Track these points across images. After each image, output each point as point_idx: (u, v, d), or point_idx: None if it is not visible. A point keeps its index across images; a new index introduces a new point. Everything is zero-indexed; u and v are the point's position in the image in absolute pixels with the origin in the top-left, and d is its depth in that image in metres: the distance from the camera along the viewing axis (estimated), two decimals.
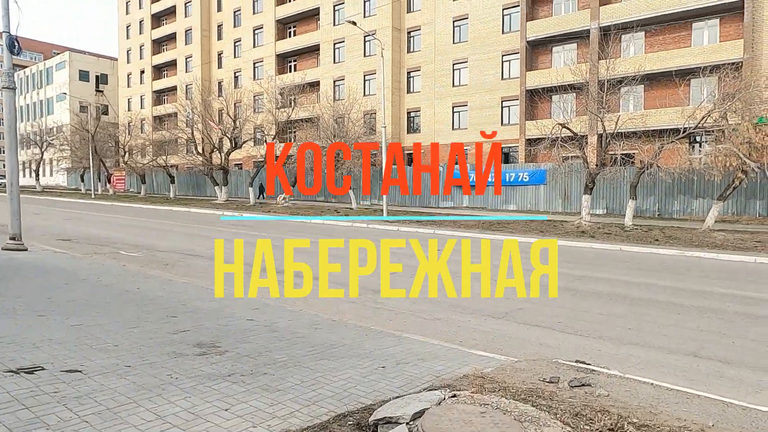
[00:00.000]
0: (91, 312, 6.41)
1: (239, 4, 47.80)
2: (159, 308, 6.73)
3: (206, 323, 6.07)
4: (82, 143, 46.87)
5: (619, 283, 10.06)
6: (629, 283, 10.08)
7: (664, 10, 26.75)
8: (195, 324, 6.01)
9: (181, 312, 6.58)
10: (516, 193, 28.35)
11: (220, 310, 6.78)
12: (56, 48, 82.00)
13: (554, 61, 31.24)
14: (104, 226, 19.42)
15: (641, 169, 19.25)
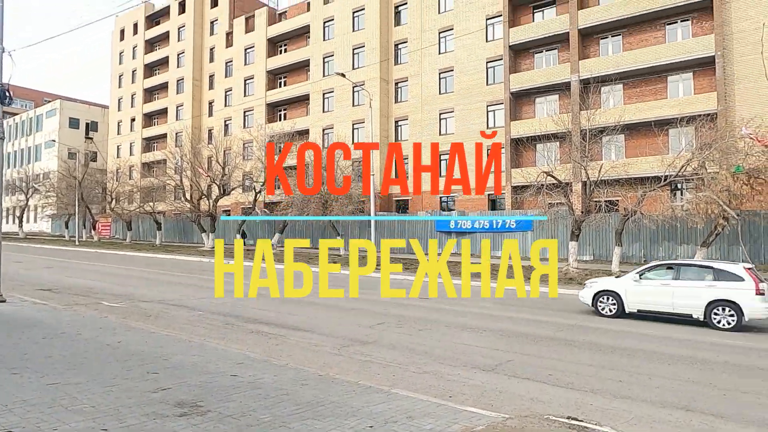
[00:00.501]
0: (69, 369, 6.19)
1: (231, 56, 49.09)
2: (139, 364, 6.52)
3: (188, 380, 5.88)
4: (68, 190, 46.64)
5: (608, 332, 10.02)
6: (619, 332, 10.04)
7: (640, 65, 27.97)
8: (177, 381, 5.81)
9: (163, 368, 6.37)
10: (504, 239, 28.51)
11: (203, 365, 6.58)
12: (47, 96, 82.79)
13: (537, 111, 32.23)
14: (87, 275, 19.04)
15: (625, 216, 19.58)
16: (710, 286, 11.03)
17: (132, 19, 59.17)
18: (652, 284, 11.75)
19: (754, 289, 10.59)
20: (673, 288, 11.37)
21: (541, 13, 32.75)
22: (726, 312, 10.74)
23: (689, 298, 11.12)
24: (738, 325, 10.59)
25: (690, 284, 11.29)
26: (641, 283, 11.81)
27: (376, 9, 38.42)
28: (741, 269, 11.09)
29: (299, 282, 17.51)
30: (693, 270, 11.73)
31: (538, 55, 32.70)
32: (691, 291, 11.16)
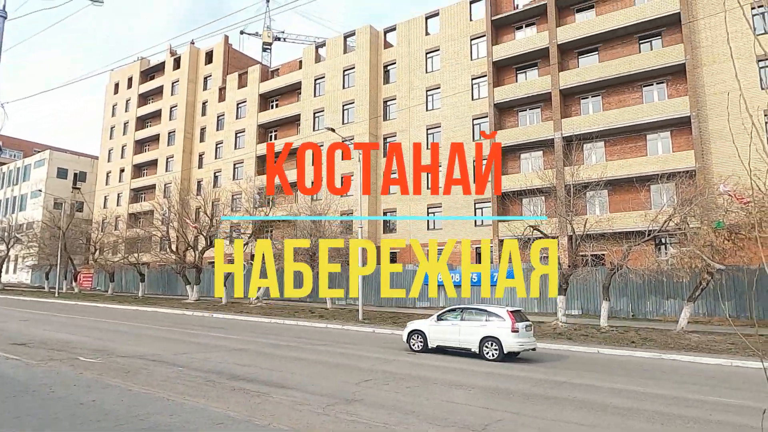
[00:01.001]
0: (38, 431, 5.86)
1: (223, 110, 50.11)
2: (114, 424, 6.21)
3: None
4: (51, 240, 45.90)
5: (600, 390, 9.83)
6: (611, 390, 9.86)
7: (620, 123, 29.06)
8: None
9: (138, 429, 6.07)
10: (492, 293, 28.35)
11: (181, 425, 6.29)
12: (37, 146, 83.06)
13: (522, 167, 32.99)
14: (65, 328, 18.43)
15: (612, 271, 19.70)
16: (483, 325, 13.70)
17: (127, 74, 60.55)
18: (446, 324, 14.45)
19: (510, 327, 13.19)
20: (460, 327, 14.11)
21: (524, 74, 34.20)
22: (492, 346, 13.38)
23: (470, 335, 13.80)
24: (500, 355, 13.18)
25: (471, 324, 13.96)
26: (439, 323, 14.50)
27: (366, 68, 39.85)
28: (504, 312, 13.70)
29: (284, 337, 17.12)
30: (473, 312, 14.37)
31: (522, 113, 33.88)
32: (471, 329, 13.84)
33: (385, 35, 41.14)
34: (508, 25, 34.94)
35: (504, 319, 13.42)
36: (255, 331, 19.11)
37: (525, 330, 13.60)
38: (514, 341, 13.15)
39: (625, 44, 30.55)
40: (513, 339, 13.14)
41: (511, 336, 13.15)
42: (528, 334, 13.75)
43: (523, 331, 13.47)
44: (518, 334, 13.22)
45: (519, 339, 13.22)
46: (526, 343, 13.59)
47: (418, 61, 38.30)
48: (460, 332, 13.99)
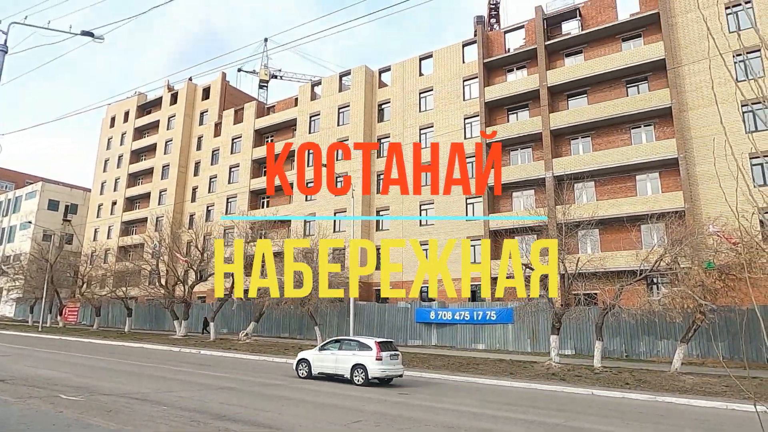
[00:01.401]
0: None
1: (218, 145, 50.52)
2: None
3: None
4: (38, 272, 45.12)
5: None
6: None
7: (609, 164, 29.57)
8: None
9: None
10: (484, 331, 28.08)
11: None
12: (30, 178, 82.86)
13: (514, 205, 33.28)
14: (47, 364, 17.91)
15: (604, 310, 19.61)
16: (354, 354, 15.69)
17: (124, 108, 61.20)
18: (327, 354, 16.50)
19: (375, 356, 15.14)
20: (337, 356, 16.13)
21: (516, 115, 34.99)
22: (360, 372, 15.32)
23: (343, 363, 15.80)
24: (366, 381, 15.14)
25: (345, 353, 15.98)
26: (321, 353, 16.62)
27: (360, 106, 40.59)
28: (372, 342, 15.63)
29: (272, 375, 16.73)
30: (348, 343, 16.43)
31: (513, 152, 34.44)
32: (345, 358, 15.84)
33: (379, 75, 42.13)
34: (500, 67, 35.97)
35: (371, 349, 15.41)
36: (243, 369, 18.68)
37: (389, 359, 15.52)
38: (377, 368, 15.15)
39: (613, 87, 31.45)
40: (377, 366, 15.15)
41: (375, 364, 15.15)
42: (393, 362, 15.62)
43: (387, 359, 15.39)
44: (382, 362, 15.20)
45: (382, 366, 15.20)
46: (390, 370, 15.48)
47: (412, 101, 39.11)
48: (337, 360, 16.10)
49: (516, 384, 16.05)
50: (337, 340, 17.10)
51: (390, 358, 15.50)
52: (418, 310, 30.26)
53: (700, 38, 28.42)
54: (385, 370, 15.30)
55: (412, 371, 18.49)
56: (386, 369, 15.30)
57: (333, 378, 16.15)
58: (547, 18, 34.20)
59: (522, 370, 18.59)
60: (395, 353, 15.86)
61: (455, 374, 17.76)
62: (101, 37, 13.64)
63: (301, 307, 28.56)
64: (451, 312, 29.08)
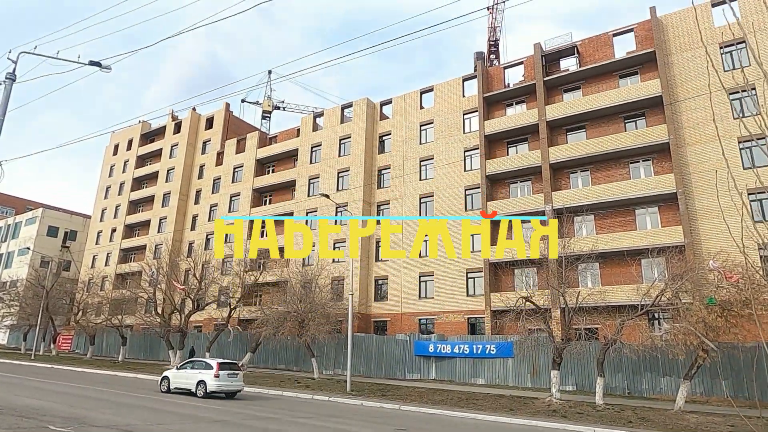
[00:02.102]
0: None
1: (220, 174, 50.85)
2: None
3: None
4: (34, 299, 44.68)
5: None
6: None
7: (608, 198, 29.69)
8: None
9: None
10: (484, 365, 27.62)
11: None
12: (31, 204, 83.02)
13: (514, 237, 33.21)
14: (37, 393, 17.52)
15: (606, 345, 19.33)
16: (200, 372, 19.08)
17: (128, 136, 61.89)
18: (182, 372, 19.96)
19: (214, 373, 18.49)
20: (188, 374, 19.52)
21: (515, 148, 35.35)
22: (201, 387, 18.64)
23: (192, 379, 19.10)
24: (205, 394, 18.44)
25: (194, 372, 19.38)
26: (178, 371, 20.18)
27: (361, 138, 41.07)
28: (214, 362, 19.03)
29: (267, 408, 16.36)
30: (198, 363, 20.00)
31: (513, 185, 34.64)
32: (194, 375, 19.19)
33: (381, 107, 42.78)
34: (499, 101, 36.56)
35: (212, 368, 18.69)
36: (237, 401, 18.27)
37: (227, 377, 18.75)
38: (214, 384, 18.42)
39: (611, 122, 31.88)
40: (214, 382, 18.42)
41: (213, 380, 18.41)
42: (231, 379, 18.84)
43: (224, 377, 18.64)
44: (219, 379, 18.47)
45: (219, 382, 18.48)
46: (226, 385, 18.69)
47: (413, 133, 39.59)
48: (187, 377, 19.43)
49: (516, 421, 15.67)
50: (191, 361, 20.86)
51: (228, 376, 18.78)
52: (417, 342, 29.84)
53: (696, 76, 28.98)
54: (221, 385, 18.53)
55: (409, 406, 18.10)
56: (222, 384, 18.54)
57: (185, 392, 19.33)
58: (546, 54, 34.95)
59: (522, 407, 18.20)
60: (234, 372, 19.14)
61: (454, 410, 17.36)
62: (108, 67, 13.90)
63: (299, 338, 28.19)
64: (450, 345, 28.68)
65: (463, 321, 32.99)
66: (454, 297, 33.74)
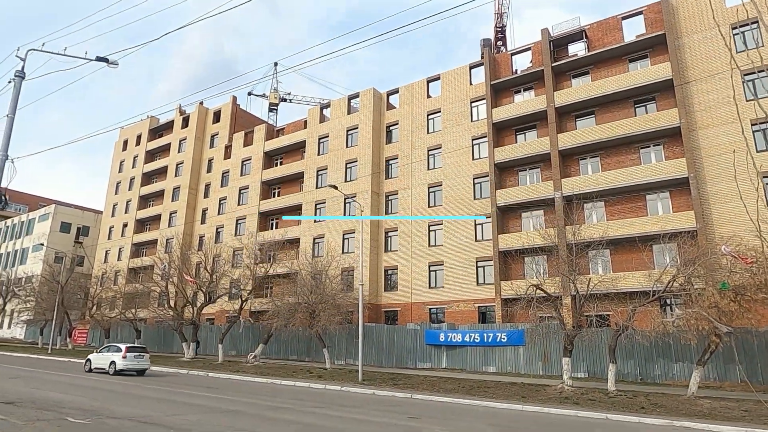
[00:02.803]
0: None
1: (228, 167, 51.05)
2: None
3: None
4: (49, 294, 45.39)
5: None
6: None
7: (618, 184, 29.43)
8: None
9: None
10: (495, 353, 27.66)
11: None
12: (43, 201, 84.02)
13: (524, 225, 33.13)
14: (55, 387, 17.87)
15: (617, 332, 19.26)
16: (113, 354, 23.72)
17: (136, 131, 62.22)
18: (101, 354, 24.68)
19: (122, 355, 23.21)
20: (105, 356, 24.20)
21: (524, 135, 35.09)
22: (112, 366, 23.30)
23: (107, 360, 23.78)
24: (115, 372, 23.08)
25: (108, 354, 24.09)
26: (98, 354, 24.87)
27: (369, 128, 40.96)
28: (123, 347, 23.92)
29: (280, 398, 16.54)
30: (112, 347, 24.70)
31: (522, 172, 34.43)
32: (108, 357, 23.84)
33: (387, 97, 42.59)
34: (507, 88, 36.24)
35: (121, 351, 23.50)
36: (251, 392, 18.49)
37: (134, 357, 23.43)
38: (122, 363, 23.11)
39: (621, 107, 31.51)
40: (122, 362, 23.12)
41: (121, 360, 23.13)
42: (137, 360, 23.53)
43: (131, 358, 23.32)
44: (126, 359, 23.15)
45: (126, 362, 23.13)
46: (133, 365, 23.34)
47: (420, 122, 39.41)
48: (104, 359, 24.14)
49: (528, 408, 15.72)
50: (107, 346, 25.56)
51: (134, 357, 23.45)
52: (428, 331, 29.93)
53: (707, 58, 28.51)
54: (128, 365, 23.15)
55: (421, 395, 18.22)
56: (128, 364, 23.17)
57: (102, 371, 23.80)
58: (554, 40, 34.53)
59: (534, 394, 18.23)
60: (141, 354, 23.74)
61: (466, 398, 17.44)
62: (115, 62, 13.94)
63: (310, 329, 28.38)
64: (461, 334, 28.73)
65: (474, 310, 33.03)
66: (464, 286, 33.77)
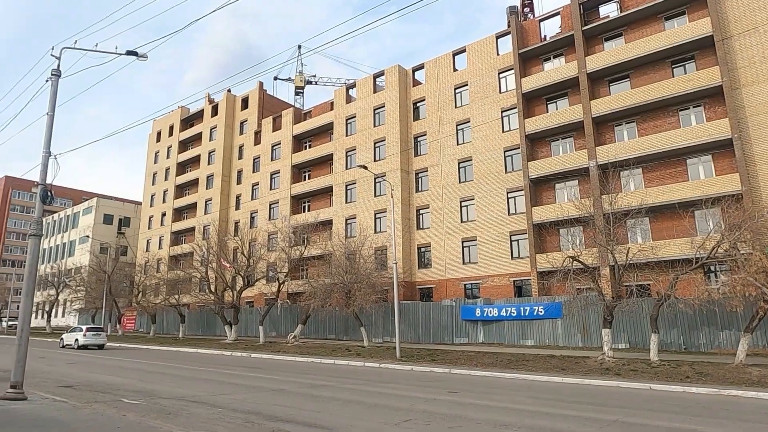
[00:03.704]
0: None
1: (259, 153, 51.73)
2: None
3: None
4: (97, 284, 47.57)
5: (658, 429, 9.22)
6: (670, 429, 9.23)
7: (657, 149, 28.37)
8: None
9: None
10: (533, 327, 27.51)
11: None
12: (86, 194, 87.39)
13: (558, 197, 32.47)
14: (109, 370, 18.82)
15: (659, 301, 18.82)
16: (76, 334, 31.65)
17: (169, 122, 63.56)
18: (70, 334, 32.60)
19: (83, 334, 31.16)
20: (71, 335, 32.08)
21: (555, 104, 34.12)
22: (77, 342, 30.95)
23: (72, 338, 31.61)
24: (78, 347, 30.63)
25: (74, 334, 32.04)
26: (68, 334, 32.69)
27: (395, 106, 40.62)
28: (84, 327, 32.37)
29: (321, 376, 16.96)
30: (76, 329, 32.81)
31: (554, 142, 33.60)
32: (73, 336, 31.77)
33: (413, 73, 42.03)
34: (536, 57, 35.19)
35: (82, 330, 31.60)
36: (292, 371, 19.01)
37: (92, 336, 31.16)
38: (83, 340, 30.82)
39: (658, 69, 30.19)
40: (83, 339, 30.84)
41: (83, 338, 30.88)
42: (95, 337, 31.18)
43: (90, 336, 31.08)
44: (86, 337, 30.89)
45: (86, 339, 30.80)
46: (91, 341, 30.89)
47: (447, 97, 38.81)
48: (71, 337, 31.86)
49: (569, 380, 15.63)
50: (74, 328, 33.72)
51: (92, 335, 31.24)
52: (463, 307, 29.97)
53: (751, 10, 26.91)
54: (87, 341, 30.87)
55: (459, 370, 18.34)
56: (88, 340, 30.91)
57: (69, 347, 31.33)
58: (584, 2, 33.18)
59: (574, 366, 18.09)
60: (98, 333, 31.75)
61: (505, 371, 17.47)
62: (144, 55, 14.19)
63: (346, 308, 28.81)
64: (497, 308, 28.66)
65: (509, 284, 32.82)
66: (499, 260, 33.53)
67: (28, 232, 13.04)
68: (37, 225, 12.48)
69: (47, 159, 12.54)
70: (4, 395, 11.11)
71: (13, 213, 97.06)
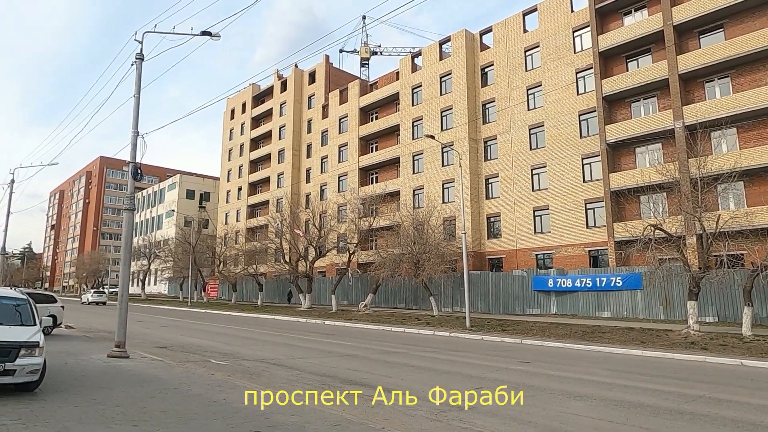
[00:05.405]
0: (180, 424, 6.52)
1: (327, 126, 52.58)
2: (242, 421, 6.71)
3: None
4: (183, 254, 51.20)
5: (749, 407, 8.66)
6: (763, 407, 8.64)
7: (755, 106, 25.75)
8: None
9: (264, 426, 6.50)
10: (609, 298, 26.46)
11: (302, 425, 6.62)
12: (169, 171, 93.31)
13: (638, 162, 30.52)
14: (197, 334, 20.36)
15: (754, 272, 17.41)
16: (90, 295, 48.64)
17: (241, 100, 65.94)
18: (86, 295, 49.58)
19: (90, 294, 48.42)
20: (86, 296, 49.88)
21: (636, 62, 31.74)
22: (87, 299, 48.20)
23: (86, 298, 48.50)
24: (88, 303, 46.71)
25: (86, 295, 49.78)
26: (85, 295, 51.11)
27: (462, 73, 39.55)
28: (92, 290, 52.72)
29: (391, 344, 17.36)
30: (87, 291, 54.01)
31: (634, 104, 31.42)
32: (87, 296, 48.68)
33: (481, 38, 40.58)
34: (615, 11, 32.75)
35: (90, 292, 49.02)
36: (364, 338, 19.62)
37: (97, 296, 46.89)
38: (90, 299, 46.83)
39: (757, 15, 27.16)
40: (90, 298, 46.82)
41: (90, 297, 46.99)
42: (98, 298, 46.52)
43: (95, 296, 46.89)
44: (92, 296, 46.95)
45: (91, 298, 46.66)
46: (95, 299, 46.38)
47: (517, 60, 37.22)
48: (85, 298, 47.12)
49: (649, 353, 14.98)
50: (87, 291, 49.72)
51: (97, 296, 46.71)
52: (535, 277, 29.33)
53: None
54: (91, 299, 46.17)
55: (531, 340, 18.11)
56: (92, 299, 46.18)
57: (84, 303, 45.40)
58: None
59: (655, 339, 17.29)
60: (100, 293, 47.27)
61: (579, 343, 17.03)
62: (218, 34, 14.71)
63: (415, 278, 29.10)
64: (571, 279, 27.78)
65: (584, 254, 31.61)
66: (573, 230, 32.31)
67: (122, 207, 14.19)
68: (130, 200, 13.54)
69: (136, 138, 13.47)
70: (111, 353, 12.37)
71: (108, 190, 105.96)
